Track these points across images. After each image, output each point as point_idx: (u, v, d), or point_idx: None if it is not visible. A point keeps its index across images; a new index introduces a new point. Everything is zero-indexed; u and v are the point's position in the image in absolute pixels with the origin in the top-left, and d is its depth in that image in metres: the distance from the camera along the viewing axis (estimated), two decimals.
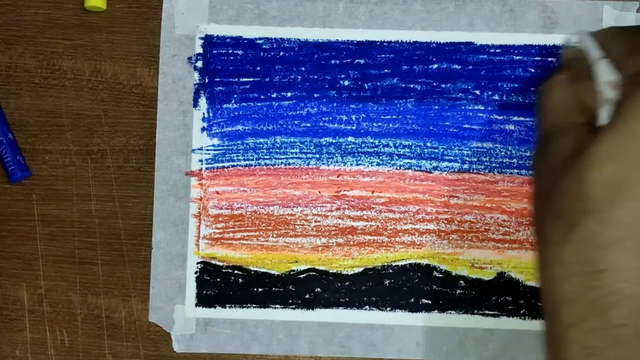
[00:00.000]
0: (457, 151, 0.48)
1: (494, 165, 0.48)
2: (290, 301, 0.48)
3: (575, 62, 0.41)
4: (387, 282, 0.48)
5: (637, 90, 0.35)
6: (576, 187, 0.34)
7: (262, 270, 0.48)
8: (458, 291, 0.48)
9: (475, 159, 0.48)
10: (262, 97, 0.49)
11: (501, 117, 0.49)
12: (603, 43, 0.40)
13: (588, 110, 0.37)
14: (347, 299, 0.48)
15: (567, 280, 0.34)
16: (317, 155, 0.49)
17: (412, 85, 0.49)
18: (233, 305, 0.48)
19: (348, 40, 0.49)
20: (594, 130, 0.36)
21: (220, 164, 0.49)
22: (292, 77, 0.49)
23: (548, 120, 0.39)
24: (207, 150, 0.49)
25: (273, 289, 0.48)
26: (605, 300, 0.33)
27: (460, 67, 0.49)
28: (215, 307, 0.48)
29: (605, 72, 0.38)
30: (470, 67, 0.49)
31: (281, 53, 0.49)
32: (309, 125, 0.49)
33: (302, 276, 0.48)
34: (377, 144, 0.48)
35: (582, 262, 0.34)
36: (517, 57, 0.48)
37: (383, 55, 0.49)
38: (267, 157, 0.49)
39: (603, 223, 0.33)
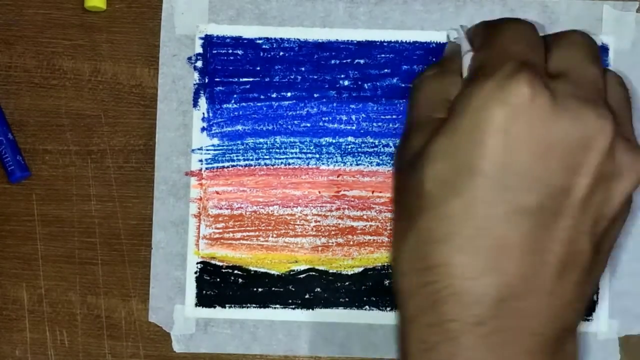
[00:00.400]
0: None
1: None
2: (290, 301, 0.48)
3: (449, 57, 0.41)
4: (387, 282, 0.48)
5: (466, 88, 0.35)
6: (416, 184, 0.35)
7: (262, 270, 0.48)
8: None
9: None
10: (262, 97, 0.49)
11: None
12: (473, 37, 0.40)
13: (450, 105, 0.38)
14: (347, 299, 0.48)
15: (408, 276, 0.35)
16: (317, 155, 0.49)
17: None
18: (233, 305, 0.48)
19: (348, 40, 0.49)
20: None
21: (220, 164, 0.49)
22: (292, 77, 0.49)
23: (411, 116, 0.39)
24: (207, 150, 0.49)
25: (273, 289, 0.48)
26: (438, 295, 0.34)
27: None
28: (215, 307, 0.48)
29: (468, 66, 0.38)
30: None
31: (281, 53, 0.49)
32: (308, 125, 0.49)
33: (302, 276, 0.48)
34: (377, 144, 0.48)
35: (419, 258, 0.34)
36: None
37: (383, 55, 0.49)
38: (267, 157, 0.49)
39: (434, 219, 0.34)
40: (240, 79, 0.49)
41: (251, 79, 0.49)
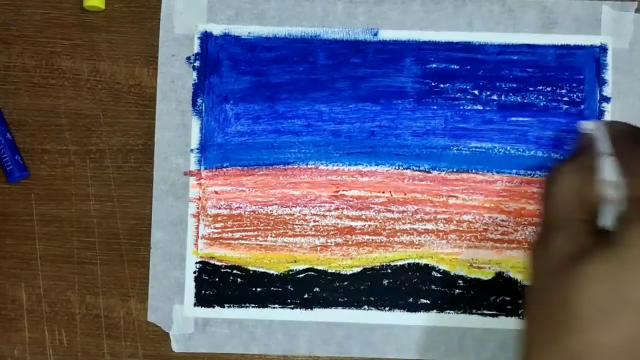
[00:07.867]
0: (455, 151, 0.48)
1: (492, 165, 0.48)
2: (289, 301, 0.48)
3: (585, 151, 0.40)
4: (385, 282, 0.48)
5: (634, 219, 0.35)
6: (565, 300, 0.34)
7: (261, 270, 0.48)
8: (457, 291, 0.48)
9: (473, 159, 0.48)
10: (260, 96, 0.49)
11: (500, 117, 0.49)
12: (613, 138, 0.39)
13: (589, 207, 0.37)
14: (345, 299, 0.48)
15: None
16: (316, 155, 0.49)
17: (410, 85, 0.49)
18: (232, 305, 0.48)
19: (347, 40, 0.49)
20: (594, 229, 0.36)
21: (219, 164, 0.49)
22: (291, 76, 0.49)
23: (549, 212, 0.39)
24: (206, 149, 0.48)
25: (272, 288, 0.48)
26: None
27: (458, 67, 0.49)
28: (213, 306, 0.48)
29: (609, 171, 0.38)
30: (469, 67, 0.49)
31: (280, 53, 0.49)
32: (307, 124, 0.49)
33: (300, 276, 0.48)
34: (375, 143, 0.48)
35: None
36: (516, 57, 0.48)
37: (381, 55, 0.49)
38: (266, 156, 0.49)
39: (583, 344, 0.33)
40: (239, 79, 0.49)
41: (250, 79, 0.49)
